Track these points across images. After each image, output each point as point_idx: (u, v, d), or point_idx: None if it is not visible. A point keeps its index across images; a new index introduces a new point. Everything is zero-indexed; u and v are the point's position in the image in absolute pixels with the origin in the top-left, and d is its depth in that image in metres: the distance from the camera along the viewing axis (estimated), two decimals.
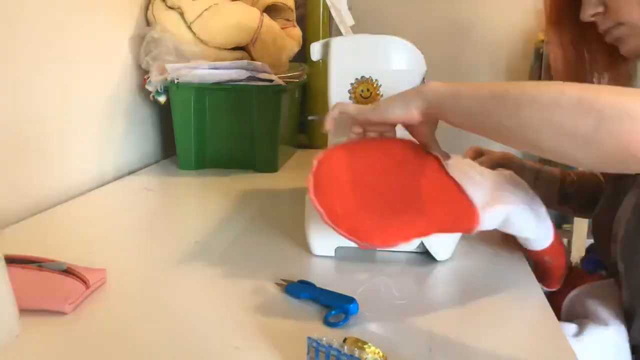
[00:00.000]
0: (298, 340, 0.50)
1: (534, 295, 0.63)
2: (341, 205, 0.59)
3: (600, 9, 0.71)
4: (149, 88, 1.18)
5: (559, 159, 0.53)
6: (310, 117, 0.87)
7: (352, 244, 0.73)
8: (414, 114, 0.61)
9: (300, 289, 0.61)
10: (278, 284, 0.64)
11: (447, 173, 0.64)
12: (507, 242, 0.76)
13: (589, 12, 0.72)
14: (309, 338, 0.45)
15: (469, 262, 0.72)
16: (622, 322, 0.72)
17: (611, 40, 0.73)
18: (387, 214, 0.59)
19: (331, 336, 0.45)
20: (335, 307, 0.57)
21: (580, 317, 0.75)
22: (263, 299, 0.61)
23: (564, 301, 0.78)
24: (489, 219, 0.63)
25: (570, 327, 0.71)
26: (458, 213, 0.62)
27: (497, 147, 0.86)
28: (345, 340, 0.46)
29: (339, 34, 0.76)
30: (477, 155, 0.96)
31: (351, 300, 0.57)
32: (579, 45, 0.80)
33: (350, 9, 0.86)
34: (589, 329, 0.70)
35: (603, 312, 0.73)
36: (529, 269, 0.70)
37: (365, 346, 0.45)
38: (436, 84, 0.61)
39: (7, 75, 0.86)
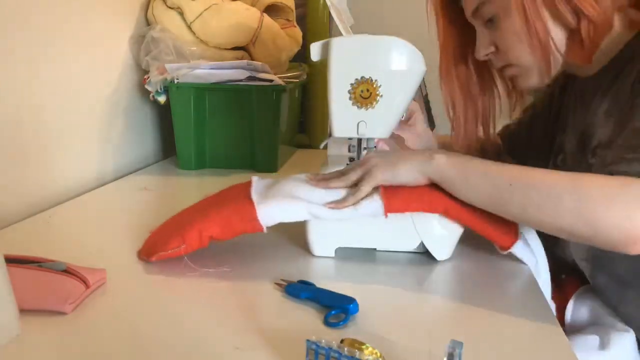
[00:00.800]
0: (297, 340, 0.50)
1: (534, 296, 0.63)
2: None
3: (492, 49, 0.74)
4: (149, 88, 1.18)
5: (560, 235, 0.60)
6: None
7: (353, 244, 0.73)
8: (421, 181, 0.67)
9: (300, 289, 0.61)
10: (278, 284, 0.64)
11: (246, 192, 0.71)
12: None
13: (482, 52, 0.75)
14: (308, 341, 0.45)
15: (469, 262, 0.72)
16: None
17: (506, 78, 0.78)
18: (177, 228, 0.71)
19: (328, 337, 0.45)
20: (336, 307, 0.57)
21: (588, 322, 0.75)
22: (263, 299, 0.61)
23: (567, 309, 0.77)
24: (265, 212, 0.68)
25: (593, 339, 0.71)
26: (240, 209, 0.69)
27: None
28: (342, 341, 0.46)
29: (339, 34, 0.76)
30: None
31: (351, 300, 0.57)
32: (473, 78, 0.82)
33: (350, 9, 0.86)
34: (614, 338, 0.70)
35: (616, 315, 0.74)
36: (529, 269, 0.70)
37: (362, 347, 0.45)
38: (444, 161, 0.65)
39: (7, 75, 0.86)
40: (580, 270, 0.78)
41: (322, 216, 0.68)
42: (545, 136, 0.89)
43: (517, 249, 0.68)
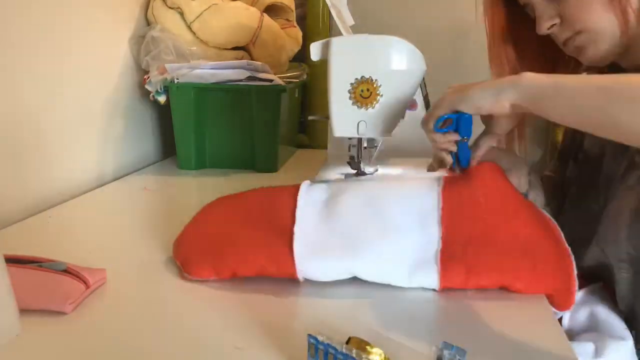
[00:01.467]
0: (298, 340, 0.50)
1: (535, 296, 0.63)
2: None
3: (557, 20, 0.70)
4: (149, 88, 1.18)
5: None
6: (310, 117, 0.87)
7: None
8: (505, 106, 0.57)
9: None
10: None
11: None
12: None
13: (545, 25, 0.71)
14: (309, 335, 0.45)
15: None
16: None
17: (571, 50, 0.73)
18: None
19: (335, 335, 0.45)
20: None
21: (585, 328, 0.74)
22: (263, 299, 0.61)
23: (564, 315, 0.76)
24: (306, 268, 0.61)
25: (587, 347, 0.69)
26: (276, 258, 0.61)
27: None
28: (349, 340, 0.46)
29: (339, 34, 0.76)
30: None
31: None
32: (526, 60, 0.79)
33: (350, 9, 0.86)
34: (609, 346, 0.69)
35: (615, 322, 0.72)
36: None
37: (367, 347, 0.45)
38: (533, 75, 0.56)
39: (6, 75, 0.86)
40: (588, 276, 0.77)
41: (365, 277, 0.61)
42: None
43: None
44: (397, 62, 0.71)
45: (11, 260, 0.58)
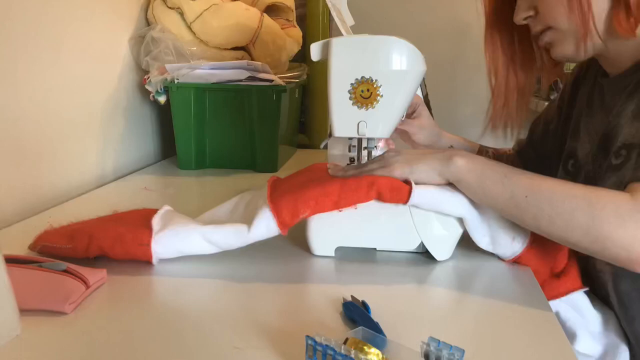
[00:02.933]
0: (298, 340, 0.50)
1: (534, 296, 0.63)
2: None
3: (532, 13, 0.74)
4: (149, 88, 1.18)
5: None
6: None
7: (353, 244, 0.73)
8: (437, 181, 0.68)
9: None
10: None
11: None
12: None
13: (521, 16, 0.74)
14: (307, 337, 0.45)
15: (469, 262, 0.72)
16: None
17: (542, 44, 0.76)
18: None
19: (332, 336, 0.45)
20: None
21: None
22: (263, 299, 0.61)
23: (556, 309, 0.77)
24: (159, 240, 0.67)
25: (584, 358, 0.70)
26: (136, 230, 0.68)
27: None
28: (346, 340, 0.46)
29: (339, 34, 0.76)
30: None
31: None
32: (514, 46, 0.82)
33: (350, 8, 0.86)
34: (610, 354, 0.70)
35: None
36: (529, 269, 0.70)
37: (365, 347, 0.45)
38: (463, 164, 0.66)
39: (6, 75, 0.86)
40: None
41: (217, 242, 0.68)
42: (555, 145, 0.90)
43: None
44: (397, 62, 0.71)
45: (11, 260, 0.58)
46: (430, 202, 0.68)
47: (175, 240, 0.67)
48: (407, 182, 0.68)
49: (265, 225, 0.67)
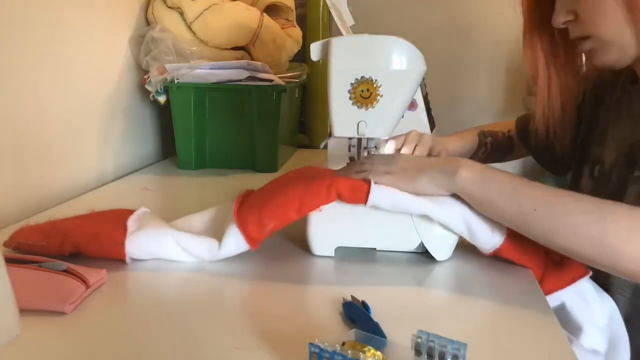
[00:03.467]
0: (298, 340, 0.50)
1: (534, 295, 0.63)
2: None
3: (571, 17, 0.71)
4: (149, 88, 1.18)
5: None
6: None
7: (353, 244, 0.73)
8: (442, 193, 0.67)
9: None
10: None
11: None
12: None
13: (559, 20, 0.72)
14: (310, 344, 0.44)
15: (469, 262, 0.72)
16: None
17: (582, 51, 0.74)
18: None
19: (328, 337, 0.45)
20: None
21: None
22: (263, 299, 0.61)
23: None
24: (132, 240, 0.68)
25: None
26: (111, 230, 0.69)
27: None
28: (343, 344, 0.46)
29: (339, 34, 0.76)
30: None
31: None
32: (555, 47, 0.80)
33: (350, 8, 0.86)
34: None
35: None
36: (529, 269, 0.70)
37: (364, 349, 0.45)
38: (468, 177, 0.64)
39: (7, 76, 0.86)
40: None
41: (190, 251, 0.68)
42: (571, 143, 0.88)
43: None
44: (397, 62, 0.71)
45: (11, 260, 0.58)
46: (391, 201, 0.67)
47: (149, 242, 0.68)
48: (367, 181, 0.67)
49: (234, 242, 0.67)
